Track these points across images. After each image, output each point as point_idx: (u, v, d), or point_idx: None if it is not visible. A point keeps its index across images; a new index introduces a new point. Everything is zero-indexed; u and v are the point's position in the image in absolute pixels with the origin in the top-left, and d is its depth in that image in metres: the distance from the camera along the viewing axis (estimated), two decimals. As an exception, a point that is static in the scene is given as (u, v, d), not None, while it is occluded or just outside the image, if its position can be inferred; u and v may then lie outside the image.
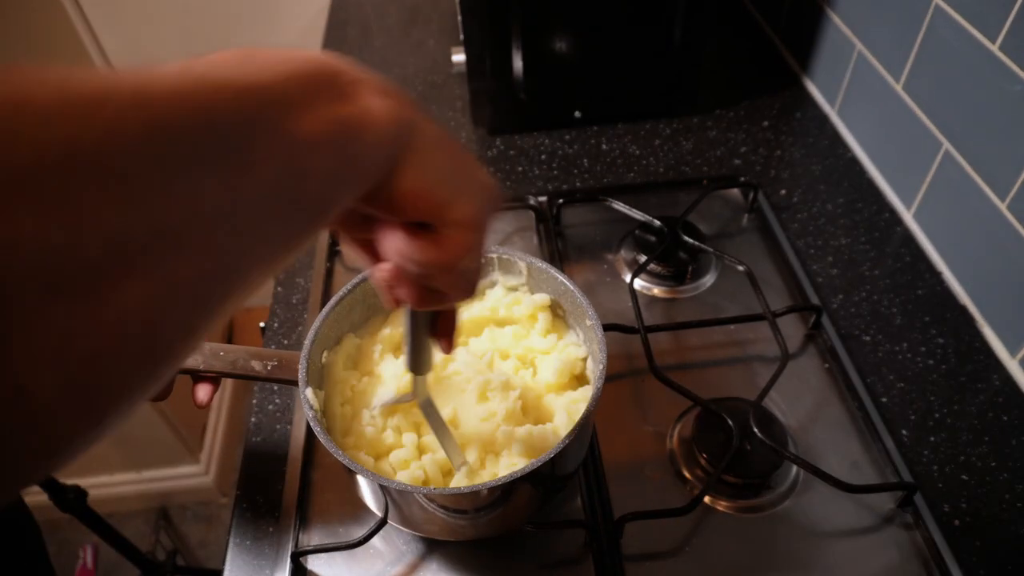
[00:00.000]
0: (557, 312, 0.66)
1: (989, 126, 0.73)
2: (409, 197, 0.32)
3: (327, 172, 0.27)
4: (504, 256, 0.65)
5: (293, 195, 0.26)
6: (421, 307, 0.40)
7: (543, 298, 0.65)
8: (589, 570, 0.60)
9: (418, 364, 0.48)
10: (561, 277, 0.62)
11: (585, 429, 0.54)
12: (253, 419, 0.72)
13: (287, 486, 0.66)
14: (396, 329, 0.65)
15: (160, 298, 0.21)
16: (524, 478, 0.50)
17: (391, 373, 0.62)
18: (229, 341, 1.83)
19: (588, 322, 0.60)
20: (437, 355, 0.51)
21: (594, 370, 0.60)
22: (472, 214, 0.35)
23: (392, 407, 0.59)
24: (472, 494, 0.51)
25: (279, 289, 0.85)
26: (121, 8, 1.46)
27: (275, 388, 0.75)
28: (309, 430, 0.70)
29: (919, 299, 0.80)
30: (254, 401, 0.74)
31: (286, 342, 0.79)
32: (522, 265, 0.65)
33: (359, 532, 0.60)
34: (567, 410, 0.59)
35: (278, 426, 0.72)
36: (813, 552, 0.61)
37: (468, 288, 0.39)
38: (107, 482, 1.73)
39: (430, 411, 0.54)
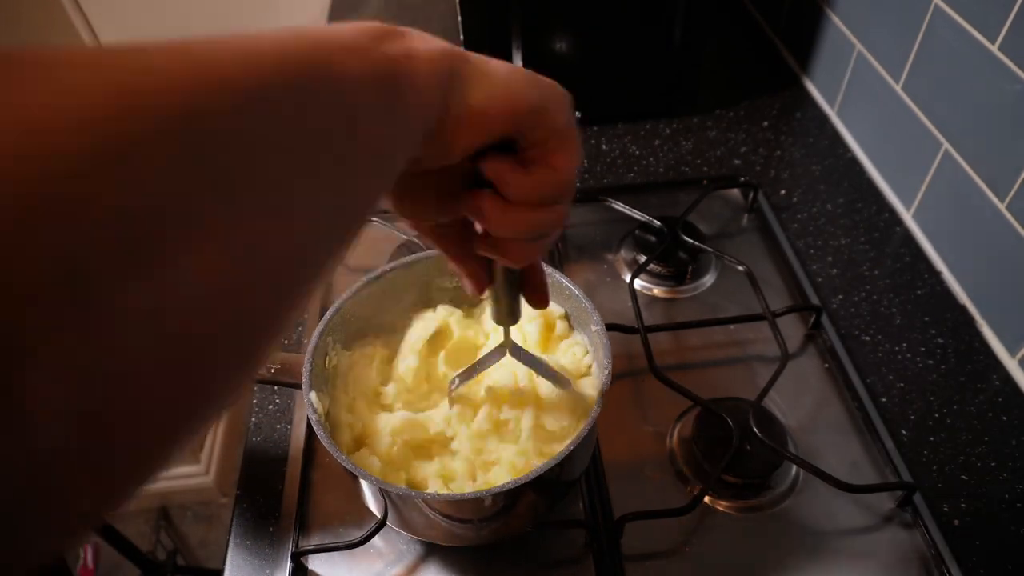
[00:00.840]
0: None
1: (989, 126, 0.73)
2: (493, 112, 0.31)
3: (380, 109, 0.26)
4: None
5: (347, 136, 0.25)
6: (524, 263, 0.39)
7: (557, 309, 0.65)
8: (589, 570, 0.60)
9: (511, 316, 0.48)
10: (566, 282, 0.62)
11: (590, 435, 0.54)
12: (253, 419, 0.72)
13: (287, 486, 0.66)
14: (393, 336, 0.65)
15: (236, 263, 0.20)
16: (528, 484, 0.50)
17: (405, 367, 0.62)
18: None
19: (593, 327, 0.60)
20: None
21: (599, 375, 0.60)
22: (565, 116, 0.34)
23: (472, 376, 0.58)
24: (475, 501, 0.51)
25: (279, 289, 0.85)
26: (120, 6, 1.47)
27: (275, 388, 0.75)
28: (309, 430, 0.70)
29: (919, 299, 0.80)
30: (254, 401, 0.74)
31: (286, 342, 0.79)
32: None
33: (359, 532, 0.60)
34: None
35: (278, 426, 0.72)
36: (813, 552, 0.61)
37: (565, 219, 0.38)
38: (107, 482, 1.73)
39: (521, 354, 0.55)
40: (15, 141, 0.15)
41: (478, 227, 0.39)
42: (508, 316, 0.48)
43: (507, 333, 0.53)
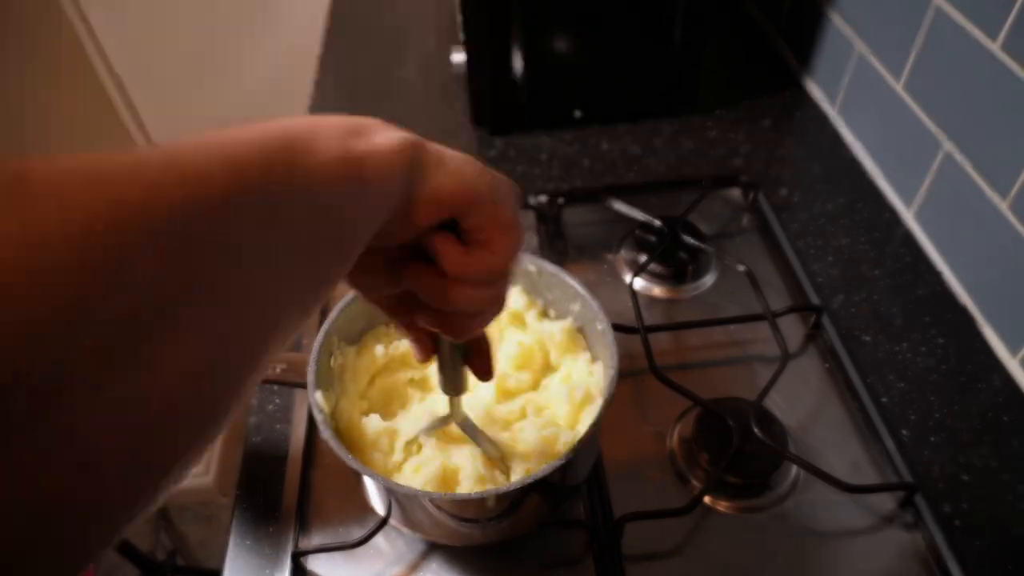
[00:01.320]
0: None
1: (990, 126, 0.73)
2: (444, 196, 0.34)
3: (346, 201, 0.29)
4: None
5: (317, 230, 0.27)
6: (463, 337, 0.41)
7: (568, 323, 0.65)
8: (589, 570, 0.60)
9: (455, 387, 0.49)
10: (572, 282, 0.62)
11: (595, 437, 0.54)
12: (253, 419, 0.72)
13: (287, 486, 0.66)
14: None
15: (209, 353, 0.22)
16: (533, 486, 0.50)
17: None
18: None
19: (599, 326, 0.60)
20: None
21: (605, 375, 0.60)
22: (510, 208, 0.37)
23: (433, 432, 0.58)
24: (479, 501, 0.51)
25: (279, 289, 0.85)
26: (121, 7, 1.47)
27: (275, 388, 0.75)
28: (309, 429, 0.70)
29: (919, 299, 0.80)
30: (254, 401, 0.74)
31: (286, 342, 0.79)
32: (532, 268, 0.65)
33: (360, 532, 0.60)
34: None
35: (278, 426, 0.72)
36: (813, 552, 0.61)
37: (502, 301, 0.41)
38: (107, 482, 1.73)
39: (470, 428, 0.54)
40: (26, 256, 0.17)
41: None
42: (452, 386, 0.49)
43: (454, 403, 0.52)
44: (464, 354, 0.47)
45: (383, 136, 0.32)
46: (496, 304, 0.40)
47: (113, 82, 1.57)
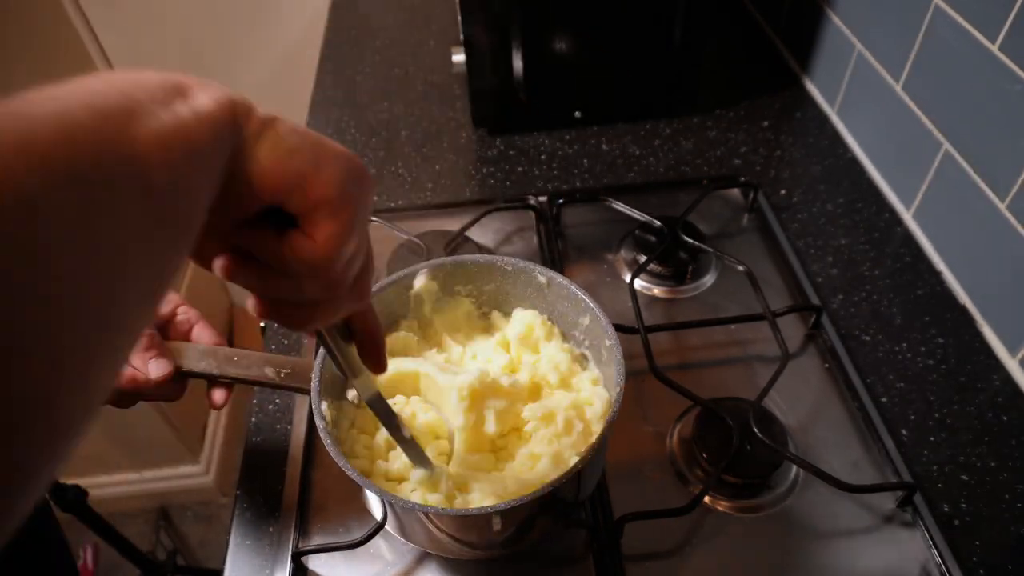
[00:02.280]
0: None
1: (989, 126, 0.73)
2: (266, 174, 0.31)
3: (179, 173, 0.26)
4: (522, 268, 0.64)
5: (150, 208, 0.25)
6: (303, 328, 0.38)
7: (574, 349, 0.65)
8: (589, 570, 0.60)
9: (348, 369, 0.46)
10: (583, 295, 0.61)
11: (601, 450, 0.53)
12: (253, 419, 0.72)
13: (287, 486, 0.66)
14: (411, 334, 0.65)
15: (55, 364, 0.21)
16: (535, 502, 0.49)
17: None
18: (230, 343, 1.83)
19: (608, 342, 0.59)
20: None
21: (611, 391, 0.59)
22: (335, 186, 0.32)
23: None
24: (478, 518, 0.50)
25: (279, 289, 0.85)
26: (120, 6, 1.46)
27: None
28: (310, 429, 0.70)
29: (919, 299, 0.80)
30: (255, 401, 0.74)
31: (286, 342, 0.79)
32: (543, 279, 0.64)
33: (359, 532, 0.60)
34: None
35: (278, 426, 0.72)
36: (813, 552, 0.61)
37: (361, 291, 0.37)
38: (107, 482, 1.73)
39: (380, 407, 0.50)
40: None
41: None
42: (340, 368, 0.46)
43: (363, 381, 0.47)
44: (346, 337, 0.44)
45: (206, 96, 0.29)
46: (336, 295, 0.36)
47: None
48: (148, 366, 0.56)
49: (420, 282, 0.64)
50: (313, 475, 0.67)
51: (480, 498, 0.54)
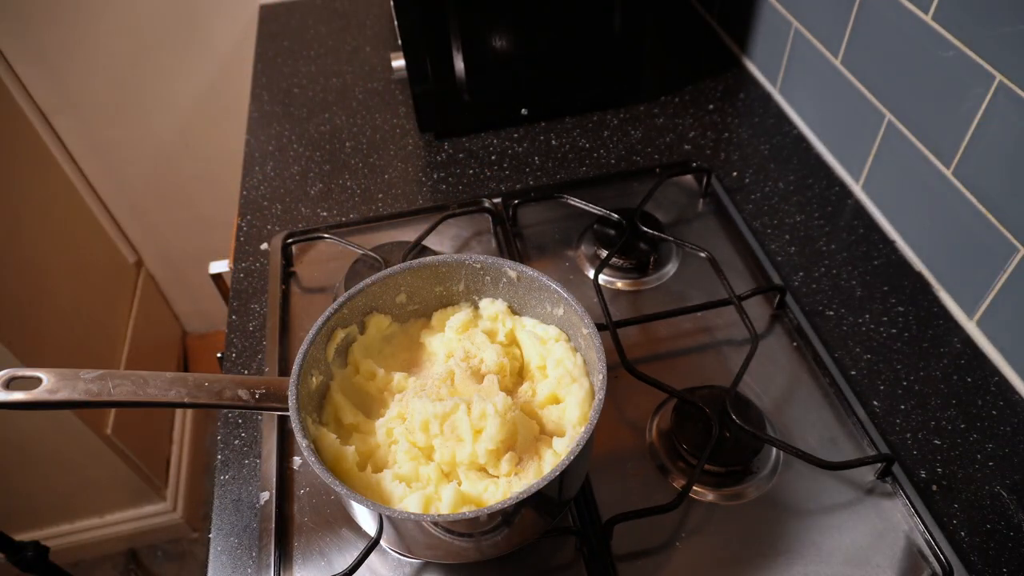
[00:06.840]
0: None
1: (928, 95, 0.74)
2: None
3: None
4: (492, 265, 0.63)
5: None
6: None
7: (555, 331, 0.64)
8: (582, 574, 0.59)
9: None
10: (554, 285, 0.60)
11: (590, 442, 0.52)
12: (220, 456, 0.69)
13: (262, 524, 0.64)
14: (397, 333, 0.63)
15: None
16: (528, 499, 0.48)
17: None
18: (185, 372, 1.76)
19: (584, 331, 0.58)
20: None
21: (594, 380, 0.58)
22: None
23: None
24: (471, 521, 0.49)
25: (233, 317, 0.81)
26: (34, 37, 1.39)
27: (239, 421, 0.72)
28: (280, 461, 0.67)
29: (876, 269, 0.81)
30: (219, 437, 0.71)
31: (246, 371, 0.76)
32: (512, 274, 0.63)
33: (342, 559, 0.58)
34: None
35: (246, 461, 0.69)
36: (800, 532, 0.61)
37: None
38: (69, 530, 1.66)
39: None
40: None
41: None
42: None
43: None
44: None
45: None
46: None
47: (38, 118, 1.50)
48: None
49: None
50: (289, 508, 0.65)
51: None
